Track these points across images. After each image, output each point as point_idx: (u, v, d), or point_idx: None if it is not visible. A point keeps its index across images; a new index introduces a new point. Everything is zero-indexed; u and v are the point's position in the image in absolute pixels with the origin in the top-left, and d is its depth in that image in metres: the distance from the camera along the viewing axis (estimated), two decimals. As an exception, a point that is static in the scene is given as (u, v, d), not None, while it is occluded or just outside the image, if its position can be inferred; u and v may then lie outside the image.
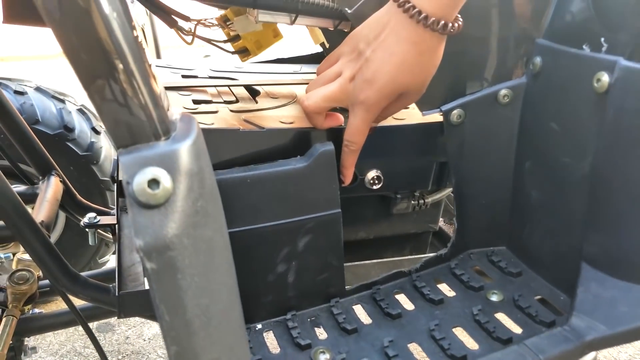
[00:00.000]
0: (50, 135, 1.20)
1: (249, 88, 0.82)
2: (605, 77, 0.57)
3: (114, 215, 0.81)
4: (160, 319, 0.35)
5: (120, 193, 0.88)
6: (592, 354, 0.73)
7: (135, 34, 0.36)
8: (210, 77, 0.86)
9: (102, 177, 1.28)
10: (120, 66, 0.34)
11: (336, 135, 0.68)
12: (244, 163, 0.65)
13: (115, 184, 0.96)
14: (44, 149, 0.94)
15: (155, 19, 1.19)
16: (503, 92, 0.71)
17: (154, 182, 0.32)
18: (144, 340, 1.32)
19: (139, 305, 0.69)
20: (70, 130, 1.23)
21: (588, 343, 0.60)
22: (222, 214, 0.41)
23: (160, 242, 0.32)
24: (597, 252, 0.63)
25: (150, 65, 0.38)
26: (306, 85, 0.71)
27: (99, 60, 0.33)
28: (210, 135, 0.63)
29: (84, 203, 0.95)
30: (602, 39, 0.59)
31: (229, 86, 0.81)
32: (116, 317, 0.79)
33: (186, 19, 0.70)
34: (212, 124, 0.65)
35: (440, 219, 0.91)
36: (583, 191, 0.63)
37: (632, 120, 0.55)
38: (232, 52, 0.78)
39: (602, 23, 0.61)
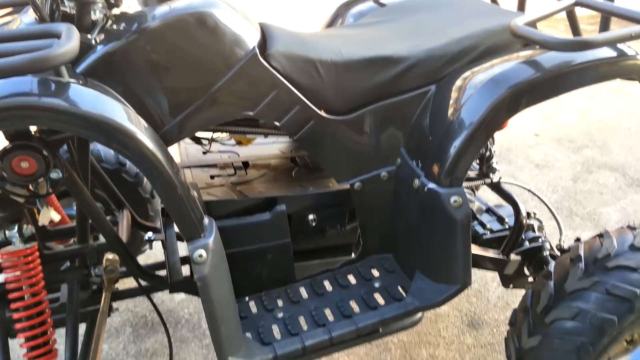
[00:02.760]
0: (110, 170, 1.76)
1: (243, 162, 1.40)
2: (417, 182, 1.15)
3: (162, 232, 1.41)
4: (203, 300, 0.95)
5: (162, 216, 1.47)
6: (418, 315, 1.30)
7: (183, 178, 0.94)
8: (220, 152, 1.43)
9: (145, 194, 1.85)
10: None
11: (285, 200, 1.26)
12: (238, 214, 1.23)
13: (161, 212, 1.54)
14: (118, 192, 1.51)
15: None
16: (383, 173, 1.28)
17: (200, 256, 0.92)
18: (175, 303, 1.93)
19: (182, 286, 1.29)
20: (123, 165, 1.79)
21: (410, 310, 1.19)
22: (225, 259, 1.00)
23: (203, 276, 0.92)
24: (421, 265, 1.21)
25: (197, 195, 0.96)
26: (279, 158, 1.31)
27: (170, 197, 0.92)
28: (220, 203, 1.21)
29: (142, 223, 1.53)
30: (419, 160, 1.16)
31: (232, 162, 1.38)
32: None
33: (207, 139, 1.28)
34: (221, 196, 1.23)
35: None
36: (415, 234, 1.21)
37: (427, 209, 1.13)
38: (233, 144, 1.36)
39: (421, 150, 1.17)
